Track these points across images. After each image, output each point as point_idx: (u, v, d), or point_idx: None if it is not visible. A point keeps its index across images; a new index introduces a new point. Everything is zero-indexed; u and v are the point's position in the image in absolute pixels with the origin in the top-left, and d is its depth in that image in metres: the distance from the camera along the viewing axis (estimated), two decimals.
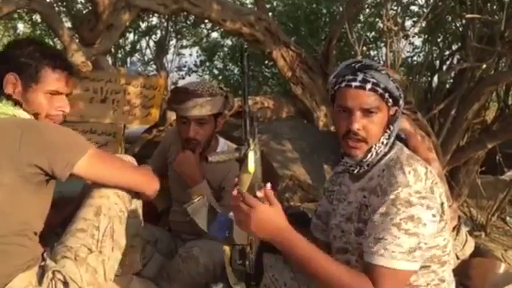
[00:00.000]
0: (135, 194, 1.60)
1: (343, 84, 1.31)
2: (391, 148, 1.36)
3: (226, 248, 1.30)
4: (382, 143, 1.33)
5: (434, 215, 1.24)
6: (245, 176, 1.25)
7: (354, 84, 1.29)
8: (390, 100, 1.32)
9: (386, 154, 1.35)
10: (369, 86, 1.28)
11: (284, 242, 1.19)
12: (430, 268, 1.32)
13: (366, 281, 1.17)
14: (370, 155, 1.33)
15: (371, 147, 1.32)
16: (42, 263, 1.40)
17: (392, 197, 1.23)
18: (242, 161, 1.25)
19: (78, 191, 1.70)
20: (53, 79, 1.48)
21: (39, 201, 1.41)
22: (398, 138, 1.40)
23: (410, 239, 1.20)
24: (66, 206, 1.68)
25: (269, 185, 1.23)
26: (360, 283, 1.17)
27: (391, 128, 1.34)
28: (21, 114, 1.43)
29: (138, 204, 1.63)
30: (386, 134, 1.34)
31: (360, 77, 1.29)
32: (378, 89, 1.29)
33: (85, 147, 1.41)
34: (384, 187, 1.28)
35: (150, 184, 1.60)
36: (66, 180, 1.40)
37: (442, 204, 1.30)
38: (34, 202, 1.39)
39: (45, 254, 1.44)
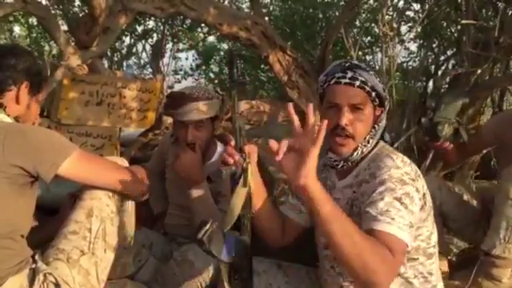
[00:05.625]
0: (126, 196, 1.59)
1: (333, 81, 1.34)
2: (374, 147, 1.38)
3: (223, 266, 1.29)
4: (368, 142, 1.35)
5: (420, 199, 1.26)
6: (242, 190, 1.27)
7: (343, 81, 1.32)
8: (377, 99, 1.35)
9: (369, 152, 1.37)
10: (357, 83, 1.31)
11: (321, 192, 1.14)
12: (417, 260, 1.32)
13: (385, 249, 1.12)
14: (356, 153, 1.34)
15: (358, 145, 1.34)
16: (33, 265, 1.39)
17: (386, 176, 1.24)
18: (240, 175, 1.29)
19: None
20: (44, 89, 1.53)
21: (25, 202, 1.41)
22: (383, 138, 1.43)
23: (408, 214, 1.20)
24: (51, 223, 1.68)
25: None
26: (381, 251, 1.11)
27: (376, 128, 1.36)
28: (3, 118, 1.43)
29: (130, 205, 1.63)
30: (371, 133, 1.36)
31: (349, 74, 1.32)
32: (366, 87, 1.32)
33: (69, 149, 1.42)
34: (374, 172, 1.29)
35: (136, 186, 1.59)
36: (53, 182, 1.40)
37: (424, 194, 1.31)
38: (19, 204, 1.38)
39: (36, 257, 1.43)
